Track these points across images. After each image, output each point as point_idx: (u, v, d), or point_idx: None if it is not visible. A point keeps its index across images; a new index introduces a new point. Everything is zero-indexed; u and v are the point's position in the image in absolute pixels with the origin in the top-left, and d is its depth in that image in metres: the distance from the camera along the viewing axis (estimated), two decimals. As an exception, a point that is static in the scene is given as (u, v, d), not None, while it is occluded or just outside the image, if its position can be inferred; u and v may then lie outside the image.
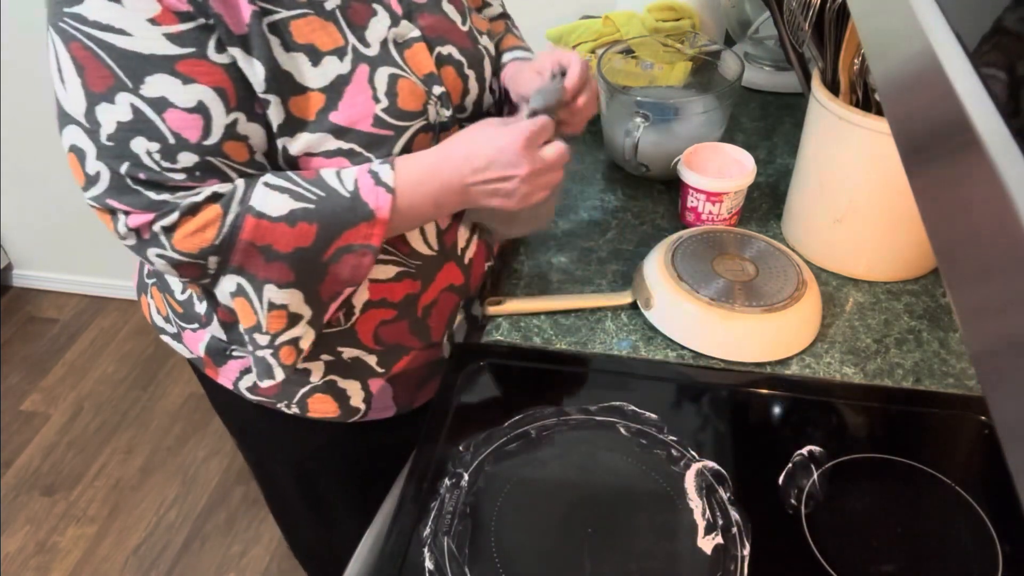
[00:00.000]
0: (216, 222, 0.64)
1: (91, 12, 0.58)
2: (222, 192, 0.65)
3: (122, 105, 0.60)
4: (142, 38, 0.59)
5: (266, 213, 0.65)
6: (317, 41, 0.67)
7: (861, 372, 0.79)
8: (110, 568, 1.65)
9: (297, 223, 0.66)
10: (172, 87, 0.60)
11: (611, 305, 0.86)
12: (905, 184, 0.58)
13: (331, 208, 0.66)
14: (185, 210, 0.63)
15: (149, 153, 0.62)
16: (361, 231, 0.67)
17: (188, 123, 0.62)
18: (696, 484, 0.68)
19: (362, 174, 0.68)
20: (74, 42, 0.59)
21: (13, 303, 2.32)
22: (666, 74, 1.14)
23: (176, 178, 0.63)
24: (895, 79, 0.28)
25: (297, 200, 0.66)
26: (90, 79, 0.60)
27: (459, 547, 0.64)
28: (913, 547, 0.64)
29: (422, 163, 0.70)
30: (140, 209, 0.63)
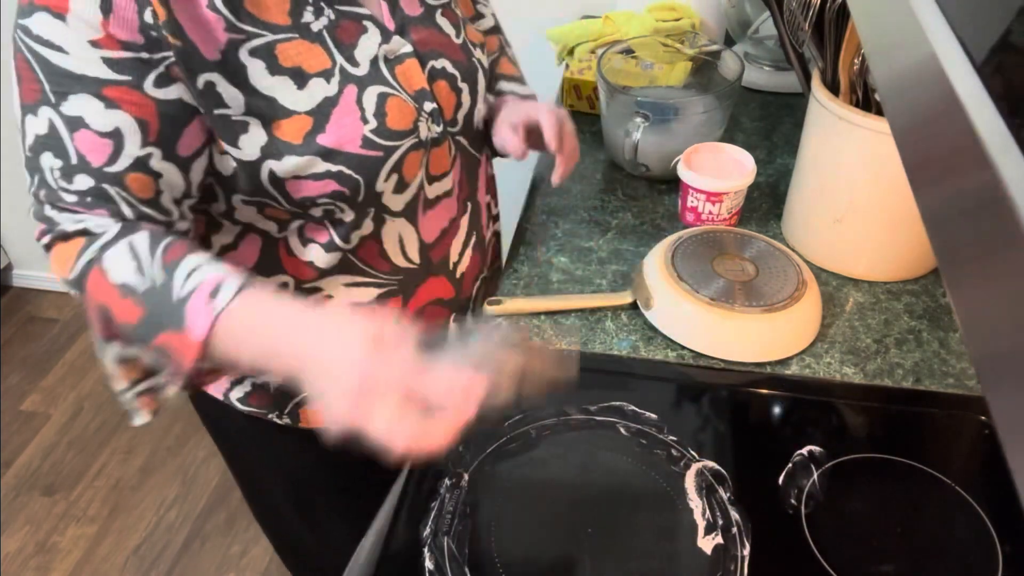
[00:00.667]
0: (73, 259, 0.63)
1: (35, 26, 0.59)
2: (94, 231, 0.63)
3: (42, 119, 0.61)
4: (77, 57, 0.59)
5: (107, 273, 0.62)
6: (304, 64, 0.66)
7: (861, 372, 0.79)
8: (110, 568, 1.65)
9: (127, 298, 0.61)
10: (92, 109, 0.60)
11: (611, 305, 0.86)
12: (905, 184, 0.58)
13: (158, 301, 0.60)
14: (58, 235, 0.64)
15: (51, 170, 0.62)
16: (175, 341, 0.59)
17: (96, 146, 0.61)
18: (696, 484, 0.68)
19: (205, 284, 0.60)
20: (19, 53, 0.60)
21: (13, 303, 2.32)
22: (666, 74, 1.14)
23: (67, 199, 0.62)
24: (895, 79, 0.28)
25: (138, 274, 0.61)
26: (24, 90, 0.61)
27: (459, 547, 0.64)
28: (913, 547, 0.64)
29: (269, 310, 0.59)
30: (38, 220, 0.65)
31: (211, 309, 0.58)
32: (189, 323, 0.58)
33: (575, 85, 1.19)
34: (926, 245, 0.86)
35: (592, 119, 1.20)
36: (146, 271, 0.61)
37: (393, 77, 0.71)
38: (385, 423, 0.52)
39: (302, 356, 0.56)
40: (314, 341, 0.56)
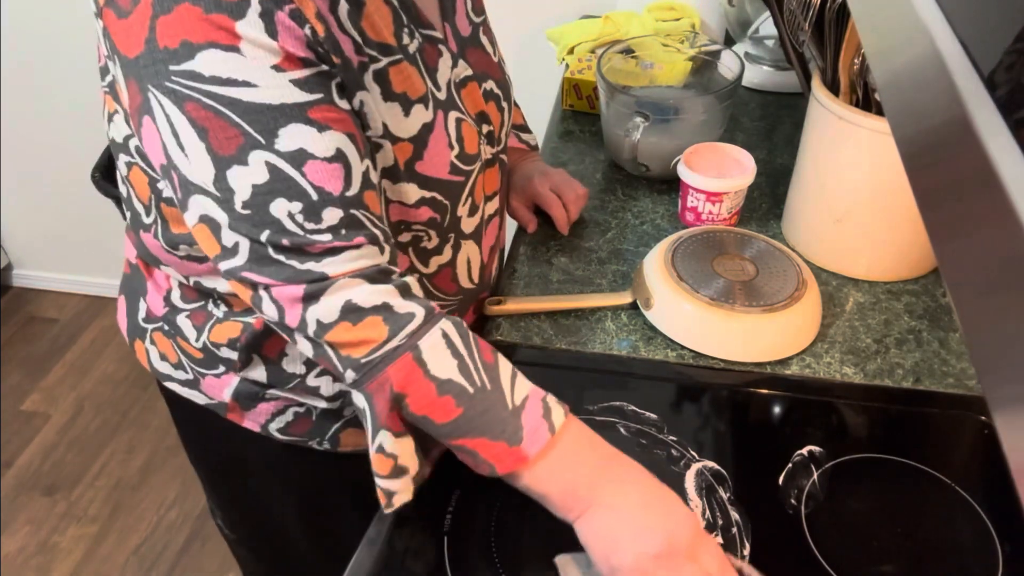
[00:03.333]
0: (374, 343, 0.57)
1: (207, 67, 0.52)
2: (397, 311, 0.58)
3: (256, 165, 0.54)
4: (269, 87, 0.53)
5: (427, 365, 0.57)
6: (408, 89, 0.63)
7: (861, 372, 0.79)
8: (111, 568, 1.65)
9: (446, 395, 0.58)
10: (309, 137, 0.54)
11: (611, 305, 0.86)
12: (905, 184, 0.58)
13: (486, 407, 0.58)
14: (346, 311, 0.57)
15: (291, 215, 0.55)
16: (497, 449, 0.58)
17: (329, 174, 0.55)
18: (696, 484, 0.68)
19: (534, 396, 0.59)
20: (190, 103, 0.53)
21: (13, 303, 2.32)
22: (666, 74, 1.14)
23: (322, 240, 0.56)
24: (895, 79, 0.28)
25: (462, 374, 0.58)
26: (216, 141, 0.53)
27: (459, 547, 0.64)
28: (913, 547, 0.64)
29: (594, 440, 0.60)
30: (284, 281, 0.56)
31: (547, 427, 0.58)
32: (526, 435, 0.58)
33: (575, 85, 1.19)
34: (926, 245, 0.86)
35: (592, 119, 1.20)
36: (471, 371, 0.58)
37: (461, 102, 0.70)
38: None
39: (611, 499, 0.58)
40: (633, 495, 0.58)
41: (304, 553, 1.03)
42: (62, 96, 1.92)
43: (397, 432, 0.60)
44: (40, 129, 1.99)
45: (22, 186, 2.13)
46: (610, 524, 0.57)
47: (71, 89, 1.90)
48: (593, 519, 0.58)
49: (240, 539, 1.09)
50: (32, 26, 1.82)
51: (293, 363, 0.76)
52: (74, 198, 2.06)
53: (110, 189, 0.96)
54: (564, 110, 1.22)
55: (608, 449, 0.60)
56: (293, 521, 0.98)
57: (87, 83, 1.87)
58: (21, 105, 1.96)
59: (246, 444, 0.84)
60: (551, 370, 0.79)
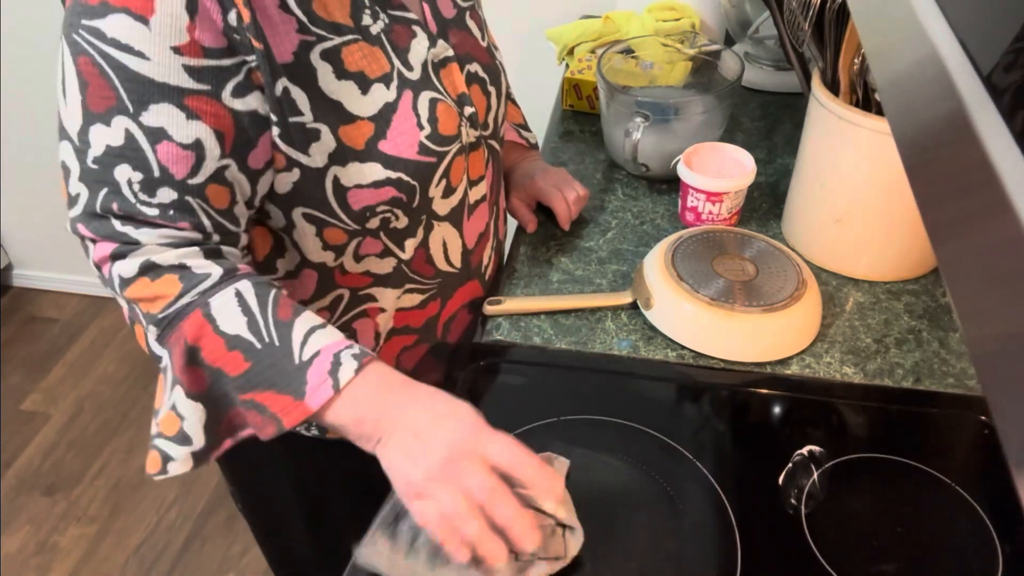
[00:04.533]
0: (167, 298, 0.60)
1: (111, 29, 0.55)
2: (194, 271, 0.61)
3: (116, 129, 0.57)
4: (159, 64, 0.56)
5: (215, 320, 0.60)
6: (366, 68, 0.64)
7: (861, 372, 0.79)
8: (110, 568, 1.65)
9: (235, 350, 0.60)
10: (174, 119, 0.57)
11: (611, 305, 0.86)
12: (905, 184, 0.58)
13: (273, 361, 0.60)
14: (144, 268, 0.60)
15: (130, 183, 0.58)
16: (281, 402, 0.60)
17: (179, 158, 0.58)
18: (696, 484, 0.68)
19: (325, 352, 0.60)
20: (84, 56, 0.56)
21: (13, 303, 2.32)
22: (666, 74, 1.14)
23: (148, 213, 0.59)
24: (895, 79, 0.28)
25: (251, 331, 0.60)
26: (91, 97, 0.57)
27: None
28: (913, 547, 0.64)
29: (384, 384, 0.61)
30: (103, 238, 0.61)
31: (330, 385, 0.59)
32: (309, 391, 0.59)
33: (575, 85, 1.19)
34: (926, 245, 0.86)
35: (592, 119, 1.20)
36: (261, 328, 0.60)
37: (439, 82, 0.71)
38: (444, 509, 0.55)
39: (404, 416, 0.59)
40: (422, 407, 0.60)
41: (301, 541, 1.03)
42: (62, 96, 1.92)
43: (190, 392, 0.62)
44: (40, 129, 1.99)
45: (22, 186, 2.13)
46: (401, 444, 0.58)
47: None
48: (387, 444, 0.59)
49: (261, 536, 1.11)
50: (32, 26, 1.82)
51: None
52: (74, 198, 2.06)
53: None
54: (564, 110, 1.22)
55: (402, 381, 0.62)
56: (290, 508, 0.99)
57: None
58: (21, 105, 1.96)
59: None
60: (551, 370, 0.79)
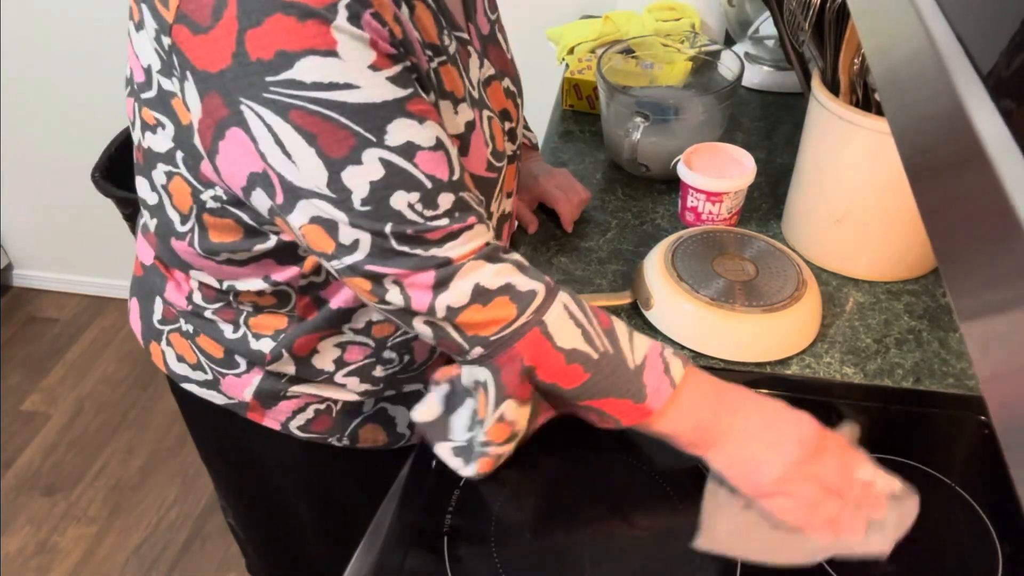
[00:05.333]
0: (503, 321, 0.60)
1: (307, 74, 0.53)
2: (520, 289, 0.61)
3: (371, 163, 0.55)
4: (370, 86, 0.54)
5: (553, 338, 0.61)
6: (455, 89, 0.65)
7: (861, 372, 0.79)
8: (110, 568, 1.65)
9: (573, 363, 0.61)
10: (413, 129, 0.56)
11: (611, 305, 0.86)
12: (905, 184, 0.57)
13: (611, 370, 0.62)
14: (476, 293, 0.59)
15: (411, 206, 0.57)
16: (622, 407, 0.63)
17: (437, 162, 0.58)
18: (696, 484, 0.68)
19: (653, 353, 0.63)
20: (294, 111, 0.54)
21: (13, 303, 2.32)
22: (666, 74, 1.14)
23: (440, 224, 0.58)
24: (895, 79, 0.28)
25: (586, 342, 0.62)
26: (326, 145, 0.55)
27: (458, 547, 0.64)
28: (913, 547, 0.64)
29: (711, 381, 0.65)
30: (413, 270, 0.59)
31: (668, 382, 0.62)
32: (649, 392, 0.62)
33: (575, 85, 1.19)
34: (926, 245, 0.86)
35: (592, 119, 1.20)
36: (594, 338, 0.62)
37: (488, 99, 0.71)
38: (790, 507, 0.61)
39: (738, 428, 0.63)
40: (755, 419, 0.64)
41: (315, 553, 1.03)
42: (62, 96, 1.92)
43: (522, 400, 0.63)
44: (40, 129, 2.00)
45: (22, 186, 2.13)
46: (741, 449, 0.63)
47: (71, 90, 1.90)
48: (724, 449, 0.64)
49: (251, 539, 1.09)
50: (32, 26, 1.82)
51: (323, 360, 0.76)
52: (74, 198, 2.06)
53: (110, 189, 0.96)
54: (564, 110, 1.22)
55: (724, 385, 0.65)
56: (306, 520, 0.98)
57: (87, 83, 1.87)
58: (21, 105, 1.96)
59: (263, 443, 0.85)
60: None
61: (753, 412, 0.64)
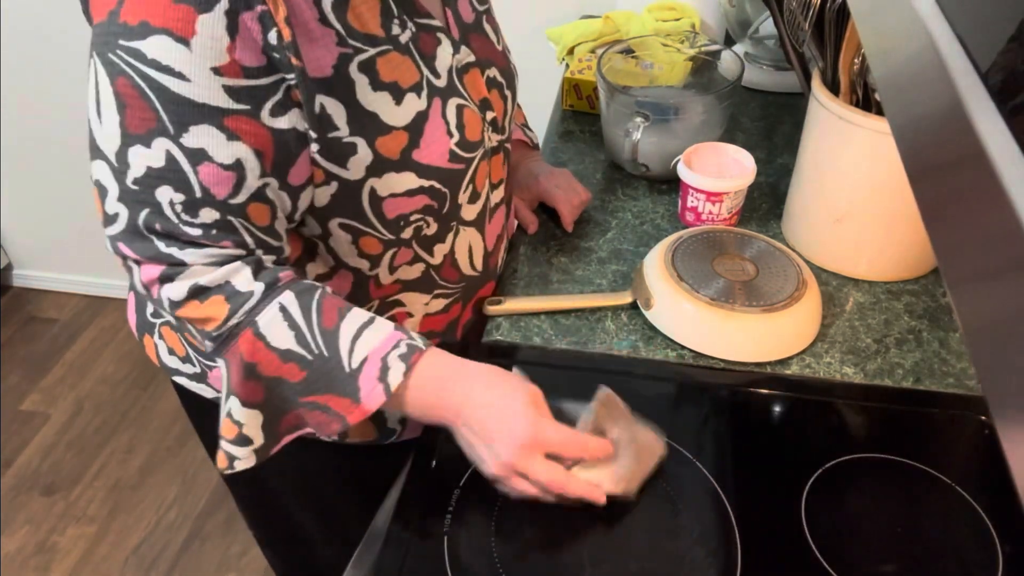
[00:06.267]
0: (217, 320, 0.62)
1: (152, 50, 0.54)
2: (238, 289, 0.62)
3: (157, 151, 0.57)
4: (200, 85, 0.56)
5: (265, 338, 0.63)
6: (399, 78, 0.65)
7: (861, 372, 0.79)
8: (110, 568, 1.65)
9: (289, 363, 0.63)
10: (214, 141, 0.57)
11: (611, 305, 0.86)
12: (905, 184, 0.57)
13: (327, 370, 0.64)
14: (193, 292, 0.61)
15: (172, 203, 0.59)
16: (343, 404, 0.65)
17: (220, 179, 0.59)
18: (696, 484, 0.68)
19: (374, 356, 0.64)
20: (122, 77, 0.56)
21: (13, 303, 2.32)
22: (666, 74, 1.14)
23: (191, 232, 0.60)
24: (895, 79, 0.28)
25: (300, 344, 0.63)
26: (130, 119, 0.57)
27: (458, 547, 0.64)
28: (913, 547, 0.64)
29: (436, 376, 0.66)
30: (148, 259, 0.61)
31: (382, 390, 0.63)
32: (364, 396, 0.64)
33: (575, 85, 1.19)
34: (926, 245, 0.86)
35: (592, 119, 1.20)
36: (309, 340, 0.63)
37: (464, 88, 0.71)
38: (546, 470, 0.63)
39: (468, 404, 0.65)
40: (481, 392, 0.65)
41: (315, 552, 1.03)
42: (62, 96, 1.92)
43: (246, 402, 0.65)
44: (40, 129, 2.00)
45: (22, 186, 2.13)
46: (466, 443, 0.66)
47: (71, 89, 1.90)
48: (459, 439, 0.66)
49: (258, 538, 1.10)
50: (32, 26, 1.82)
51: None
52: (74, 198, 2.06)
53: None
54: (564, 110, 1.22)
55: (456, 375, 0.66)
56: (299, 519, 0.98)
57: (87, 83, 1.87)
58: (21, 105, 1.96)
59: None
60: (551, 370, 0.79)
61: (481, 394, 0.65)
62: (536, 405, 0.65)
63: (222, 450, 0.67)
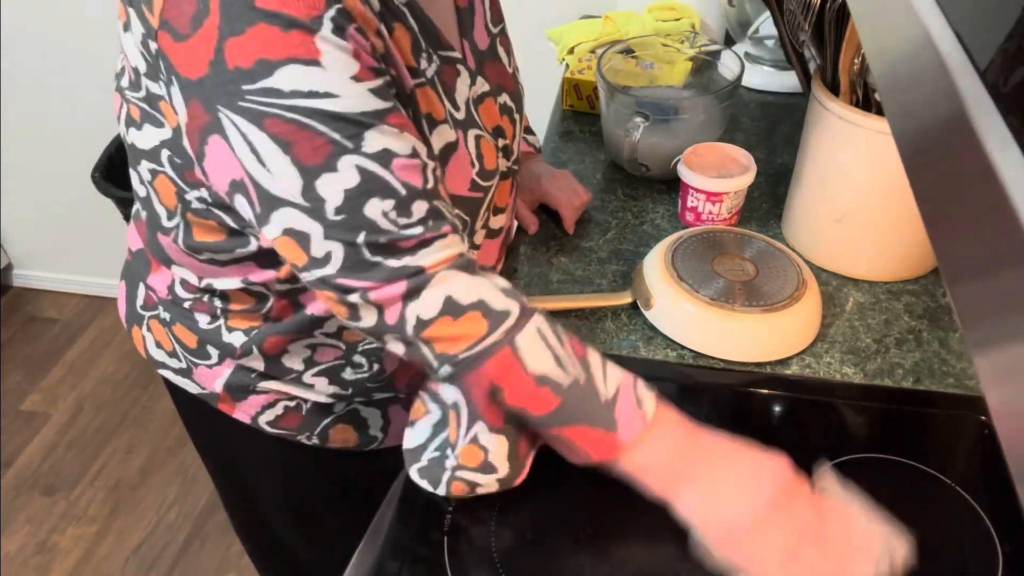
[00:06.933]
0: (473, 338, 0.58)
1: (286, 82, 0.53)
2: (494, 307, 0.59)
3: (346, 170, 0.55)
4: (350, 96, 0.54)
5: (524, 360, 0.59)
6: (432, 111, 0.65)
7: (861, 372, 0.79)
8: (110, 568, 1.65)
9: (543, 388, 0.59)
10: (390, 138, 0.56)
11: (611, 305, 0.86)
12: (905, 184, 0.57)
13: (581, 398, 0.60)
14: (447, 305, 0.58)
15: (385, 213, 0.56)
16: (593, 437, 0.60)
17: (412, 169, 0.57)
18: None
19: (625, 385, 0.61)
20: (268, 119, 0.53)
21: (13, 303, 2.32)
22: (666, 74, 1.14)
23: (415, 233, 0.57)
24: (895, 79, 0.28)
25: (558, 367, 0.59)
26: (301, 153, 0.54)
27: (458, 547, 0.64)
28: (913, 547, 0.64)
29: (682, 421, 0.62)
30: (383, 282, 0.57)
31: (642, 416, 0.60)
32: (621, 426, 0.60)
33: (575, 85, 1.19)
34: (926, 245, 0.86)
35: (592, 119, 1.20)
36: (566, 365, 0.60)
37: (479, 118, 0.71)
38: (762, 554, 0.57)
39: (705, 470, 0.60)
40: (725, 461, 0.61)
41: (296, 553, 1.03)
42: (62, 96, 1.92)
43: (494, 427, 0.62)
44: (40, 129, 2.00)
45: (22, 186, 2.13)
46: (709, 492, 0.60)
47: (71, 89, 1.90)
48: (691, 492, 0.60)
49: (242, 540, 1.09)
50: (32, 26, 1.82)
51: (292, 359, 0.76)
52: (74, 198, 2.06)
53: (110, 189, 0.96)
54: (564, 110, 1.22)
55: (696, 426, 0.63)
56: (283, 519, 0.98)
57: (87, 83, 1.87)
58: (21, 105, 1.96)
59: (236, 436, 0.85)
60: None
61: (725, 455, 0.61)
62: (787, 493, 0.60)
63: (460, 481, 0.63)
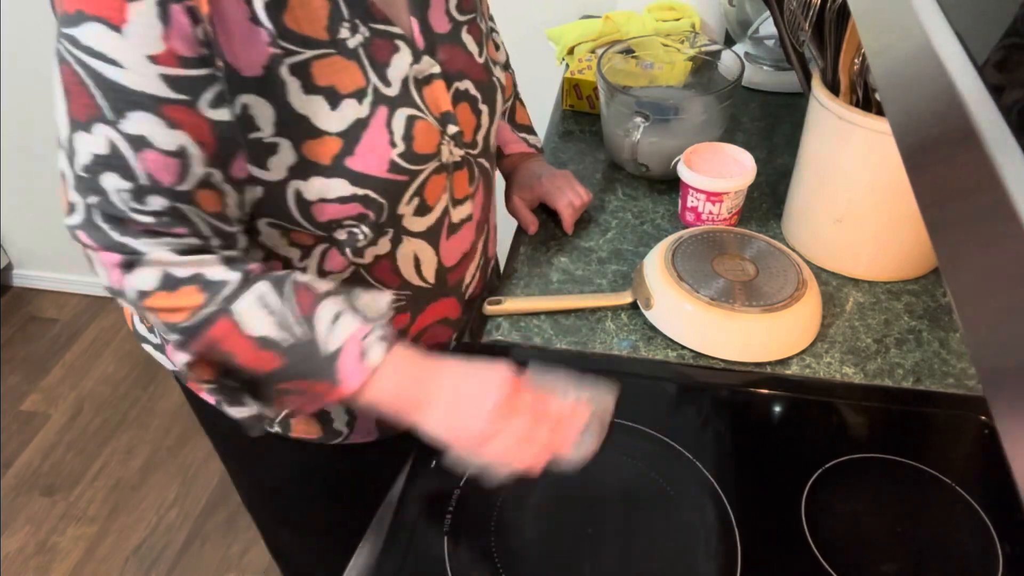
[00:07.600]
0: (189, 309, 0.62)
1: (85, 37, 0.55)
2: (211, 279, 0.62)
3: (99, 137, 0.57)
4: (135, 72, 0.55)
5: (242, 326, 0.62)
6: (338, 83, 0.64)
7: (861, 372, 0.79)
8: (110, 568, 1.65)
9: (265, 350, 0.63)
10: (155, 128, 0.57)
11: (611, 305, 0.86)
12: (905, 184, 0.58)
13: (304, 356, 0.63)
14: (164, 282, 0.61)
15: (118, 191, 0.58)
16: (319, 387, 0.64)
17: (164, 166, 0.58)
18: (696, 484, 0.68)
19: (352, 340, 0.63)
20: (64, 65, 0.56)
21: (13, 303, 2.32)
22: (666, 74, 1.14)
23: (142, 220, 0.60)
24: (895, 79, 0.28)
25: (280, 329, 0.63)
26: (74, 105, 0.57)
27: (458, 547, 0.64)
28: (913, 547, 0.64)
29: (413, 367, 0.66)
30: (104, 248, 0.61)
31: (364, 368, 0.63)
32: (343, 378, 0.63)
33: (575, 85, 1.19)
34: (926, 245, 0.86)
35: (592, 119, 1.20)
36: (286, 325, 0.62)
37: (421, 99, 0.69)
38: (506, 446, 0.62)
39: (437, 394, 0.65)
40: (452, 381, 0.65)
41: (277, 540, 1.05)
42: (62, 96, 1.92)
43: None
44: (40, 130, 2.00)
45: (22, 186, 2.13)
46: (444, 409, 0.65)
47: (71, 89, 1.90)
48: (429, 413, 0.65)
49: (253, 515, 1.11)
50: (33, 26, 1.82)
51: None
52: (74, 198, 2.06)
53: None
54: (564, 110, 1.22)
55: (426, 359, 0.66)
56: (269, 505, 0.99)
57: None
58: (21, 105, 1.96)
59: (210, 415, 0.87)
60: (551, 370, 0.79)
61: (453, 375, 0.66)
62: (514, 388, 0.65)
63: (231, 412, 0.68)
